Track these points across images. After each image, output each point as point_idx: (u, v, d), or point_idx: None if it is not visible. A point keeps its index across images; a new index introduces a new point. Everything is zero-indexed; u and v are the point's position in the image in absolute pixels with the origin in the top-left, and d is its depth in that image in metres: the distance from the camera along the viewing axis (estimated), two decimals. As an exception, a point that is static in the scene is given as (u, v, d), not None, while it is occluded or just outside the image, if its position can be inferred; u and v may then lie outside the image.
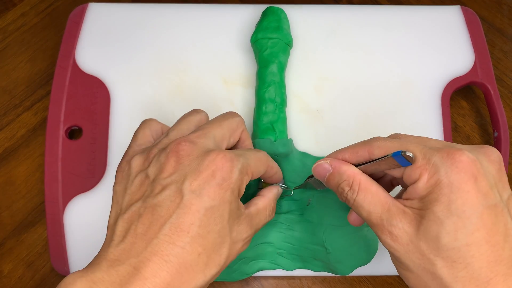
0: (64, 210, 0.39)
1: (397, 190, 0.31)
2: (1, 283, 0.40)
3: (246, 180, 0.29)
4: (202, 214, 0.25)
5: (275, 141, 0.37)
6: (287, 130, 0.39)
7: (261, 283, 0.41)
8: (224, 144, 0.30)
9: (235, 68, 0.43)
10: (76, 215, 0.39)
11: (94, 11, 0.45)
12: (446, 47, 0.44)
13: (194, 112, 0.33)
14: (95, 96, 0.42)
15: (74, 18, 0.45)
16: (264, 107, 0.38)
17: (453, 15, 0.45)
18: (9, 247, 0.42)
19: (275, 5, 0.42)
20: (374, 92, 0.42)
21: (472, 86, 0.46)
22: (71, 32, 0.44)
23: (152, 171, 0.27)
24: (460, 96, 0.47)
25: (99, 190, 0.40)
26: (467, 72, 0.43)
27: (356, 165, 0.29)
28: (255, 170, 0.30)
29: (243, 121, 0.32)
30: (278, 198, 0.35)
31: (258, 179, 0.36)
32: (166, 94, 0.42)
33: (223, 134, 0.30)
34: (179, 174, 0.26)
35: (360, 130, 0.41)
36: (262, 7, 0.43)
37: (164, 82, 0.43)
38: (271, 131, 0.37)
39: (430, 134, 0.41)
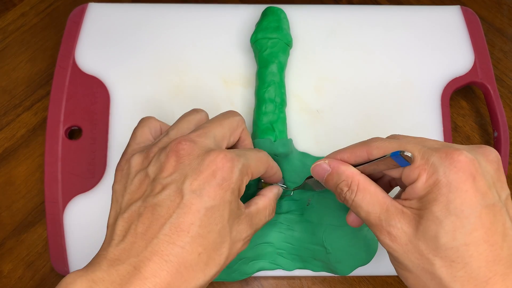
0: (64, 210, 0.39)
1: (396, 191, 0.31)
2: (1, 283, 0.40)
3: (246, 180, 0.28)
4: (202, 214, 0.25)
5: (275, 141, 0.37)
6: (287, 130, 0.39)
7: (261, 283, 0.41)
8: (224, 143, 0.30)
9: (235, 68, 0.43)
10: (76, 215, 0.39)
11: (94, 11, 0.45)
12: (446, 47, 0.44)
13: (194, 111, 0.33)
14: (95, 96, 0.42)
15: (74, 18, 0.45)
16: (264, 107, 0.38)
17: (453, 15, 0.45)
18: (9, 247, 0.42)
19: (275, 5, 0.42)
20: (374, 92, 0.42)
21: (472, 86, 0.46)
22: (71, 32, 0.44)
23: (152, 170, 0.27)
24: (460, 96, 0.47)
25: (99, 190, 0.40)
26: (467, 72, 0.43)
27: (355, 165, 0.29)
28: (255, 170, 0.30)
29: (243, 120, 0.32)
30: (278, 198, 0.35)
31: (258, 179, 0.36)
32: (166, 94, 0.42)
33: (223, 133, 0.30)
34: (179, 174, 0.26)
35: (360, 130, 0.41)
36: (262, 7, 0.43)
37: (164, 82, 0.42)
38: (271, 131, 0.37)
39: (430, 134, 0.41)
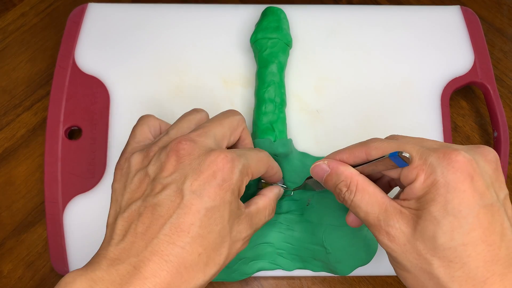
0: (64, 210, 0.39)
1: (395, 192, 0.31)
2: (1, 283, 0.40)
3: (246, 180, 0.28)
4: (202, 215, 0.25)
5: (274, 141, 0.37)
6: (287, 130, 0.39)
7: (261, 283, 0.41)
8: (224, 143, 0.30)
9: (235, 68, 0.43)
10: (76, 215, 0.39)
11: (94, 11, 0.45)
12: (446, 47, 0.44)
13: (195, 111, 0.33)
14: (95, 96, 0.42)
15: (74, 18, 0.45)
16: (263, 107, 0.38)
17: (453, 15, 0.45)
18: (9, 247, 0.42)
19: (274, 5, 0.42)
20: (374, 92, 0.42)
21: (472, 86, 0.46)
22: (71, 32, 0.44)
23: (152, 170, 0.27)
24: (460, 96, 0.47)
25: (99, 190, 0.40)
26: (467, 72, 0.43)
27: (354, 166, 0.29)
28: (256, 170, 0.30)
29: (243, 119, 0.32)
30: (278, 198, 0.35)
31: (258, 178, 0.36)
32: (166, 94, 0.42)
33: (223, 132, 0.30)
34: (179, 174, 0.26)
35: (360, 130, 0.41)
36: (262, 7, 0.43)
37: (164, 82, 0.42)
38: (271, 131, 0.37)
39: (430, 134, 0.41)
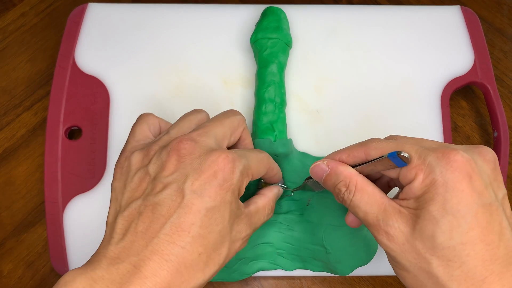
0: (64, 210, 0.39)
1: (394, 192, 0.31)
2: (1, 283, 0.40)
3: (246, 181, 0.29)
4: (203, 214, 0.25)
5: (274, 141, 0.37)
6: (287, 130, 0.39)
7: (261, 283, 0.41)
8: (225, 143, 0.30)
9: (235, 68, 0.43)
10: (76, 215, 0.39)
11: (94, 11, 0.45)
12: (446, 47, 0.44)
13: (195, 111, 0.33)
14: (95, 96, 0.42)
15: (74, 18, 0.45)
16: (263, 107, 0.38)
17: (453, 15, 0.45)
18: (9, 247, 0.42)
19: (275, 5, 0.42)
20: (374, 92, 0.42)
21: (472, 86, 0.46)
22: (71, 32, 0.44)
23: (152, 169, 0.27)
24: (460, 96, 0.47)
25: (98, 190, 0.40)
26: (467, 72, 0.43)
27: (353, 166, 0.29)
28: (256, 171, 0.30)
29: (244, 119, 0.32)
30: (278, 198, 0.35)
31: (258, 179, 0.36)
32: (166, 94, 0.42)
33: (224, 132, 0.30)
34: (180, 173, 0.26)
35: (360, 130, 0.41)
36: (262, 7, 0.43)
37: (164, 82, 0.42)
38: (271, 131, 0.37)
39: (430, 134, 0.41)
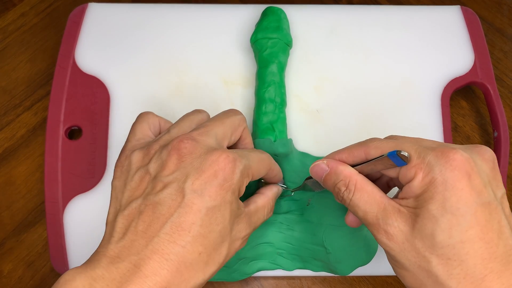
0: (64, 210, 0.39)
1: (393, 193, 0.31)
2: (1, 283, 0.40)
3: (246, 181, 0.29)
4: (203, 214, 0.25)
5: (274, 141, 0.37)
6: (287, 130, 0.39)
7: (261, 283, 0.41)
8: (225, 142, 0.30)
9: (235, 68, 0.43)
10: (76, 215, 0.39)
11: (94, 11, 0.45)
12: (446, 47, 0.44)
13: (196, 111, 0.33)
14: (95, 96, 0.42)
15: (74, 18, 0.45)
16: (264, 107, 0.38)
17: (453, 15, 0.45)
18: (9, 247, 0.42)
19: (275, 5, 0.42)
20: (374, 92, 0.42)
21: (472, 86, 0.46)
22: (71, 32, 0.44)
23: (153, 168, 0.27)
24: (460, 96, 0.47)
25: (99, 190, 0.40)
26: (467, 72, 0.43)
27: (353, 165, 0.29)
28: (256, 172, 0.30)
29: (244, 119, 0.32)
30: (277, 197, 0.35)
31: (258, 179, 0.36)
32: (166, 94, 0.42)
33: (224, 132, 0.30)
34: (181, 173, 0.26)
35: (360, 130, 0.41)
36: (262, 7, 0.43)
37: (164, 82, 0.42)
38: (271, 131, 0.37)
39: (430, 134, 0.41)
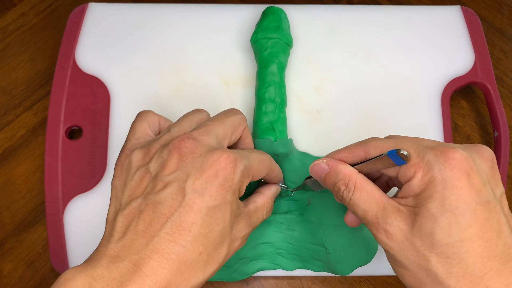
0: (64, 210, 0.39)
1: (392, 193, 0.31)
2: (1, 283, 0.40)
3: (247, 181, 0.29)
4: (204, 214, 0.25)
5: (275, 141, 0.37)
6: (287, 130, 0.39)
7: (261, 283, 0.41)
8: (226, 142, 0.30)
9: (235, 68, 0.43)
10: (76, 215, 0.39)
11: (94, 11, 0.45)
12: (446, 47, 0.44)
13: (196, 111, 0.33)
14: (95, 96, 0.42)
15: (74, 18, 0.45)
16: (264, 107, 0.38)
17: (453, 15, 0.45)
18: (9, 247, 0.42)
19: (275, 5, 0.42)
20: (374, 92, 0.42)
21: (472, 86, 0.46)
22: (71, 32, 0.44)
23: (153, 167, 0.27)
24: (460, 96, 0.47)
25: (99, 190, 0.40)
26: (467, 72, 0.43)
27: (353, 165, 0.29)
28: (257, 172, 0.30)
29: (245, 118, 0.32)
30: (276, 197, 0.35)
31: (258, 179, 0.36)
32: (166, 94, 0.42)
33: (225, 131, 0.30)
34: (181, 172, 0.26)
35: (360, 130, 0.41)
36: (262, 7, 0.43)
37: (164, 82, 0.42)
38: (271, 131, 0.37)
39: (430, 134, 0.41)
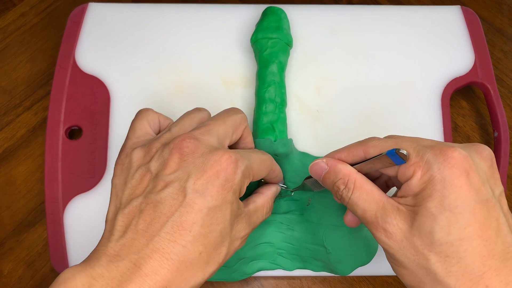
0: (64, 210, 0.39)
1: (392, 193, 0.31)
2: (1, 283, 0.40)
3: (247, 182, 0.29)
4: (204, 214, 0.25)
5: (275, 141, 0.37)
6: (287, 130, 0.39)
7: (261, 283, 0.41)
8: (227, 141, 0.30)
9: (235, 68, 0.43)
10: (76, 215, 0.39)
11: (94, 11, 0.45)
12: (446, 47, 0.44)
13: (197, 110, 0.33)
14: (95, 96, 0.42)
15: (74, 18, 0.45)
16: (264, 107, 0.38)
17: (453, 15, 0.45)
18: (9, 247, 0.41)
19: (275, 5, 0.42)
20: (374, 92, 0.42)
21: (472, 86, 0.46)
22: (71, 32, 0.44)
23: (154, 166, 0.27)
24: (460, 96, 0.47)
25: (99, 190, 0.40)
26: (467, 72, 0.43)
27: (352, 164, 0.29)
28: (257, 173, 0.30)
29: (245, 117, 0.32)
30: (276, 197, 0.35)
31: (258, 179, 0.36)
32: (166, 94, 0.42)
33: (226, 131, 0.30)
34: (182, 172, 0.26)
35: (360, 130, 0.41)
36: (262, 7, 0.43)
37: (164, 82, 0.42)
38: (271, 131, 0.37)
39: (430, 134, 0.41)
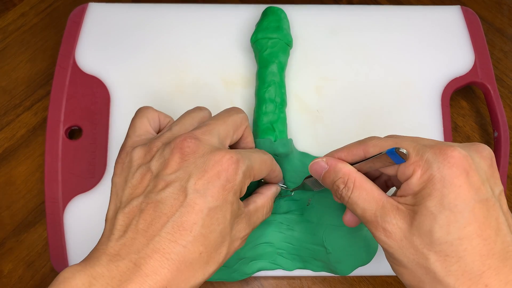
0: (64, 210, 0.39)
1: (392, 193, 0.31)
2: (1, 283, 0.40)
3: (248, 182, 0.29)
4: (205, 214, 0.25)
5: (275, 141, 0.37)
6: (287, 130, 0.39)
7: (261, 283, 0.41)
8: (227, 141, 0.30)
9: (235, 68, 0.43)
10: (76, 215, 0.39)
11: (94, 11, 0.45)
12: (446, 47, 0.44)
13: (198, 109, 0.32)
14: (95, 96, 0.42)
15: (74, 18, 0.45)
16: (264, 107, 0.38)
17: (453, 15, 0.45)
18: (9, 247, 0.42)
19: (275, 5, 0.42)
20: (374, 92, 0.42)
21: (472, 86, 0.46)
22: (71, 32, 0.44)
23: (155, 166, 0.27)
24: (460, 96, 0.47)
25: (99, 190, 0.40)
26: (467, 72, 0.43)
27: (352, 163, 0.29)
28: (258, 173, 0.30)
29: (246, 117, 0.32)
30: (276, 196, 0.35)
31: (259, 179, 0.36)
32: (166, 94, 0.42)
33: (227, 131, 0.30)
34: (183, 172, 0.26)
35: (360, 130, 0.41)
36: (262, 7, 0.43)
37: (164, 82, 0.42)
38: (271, 131, 0.37)
39: (430, 134, 0.41)
